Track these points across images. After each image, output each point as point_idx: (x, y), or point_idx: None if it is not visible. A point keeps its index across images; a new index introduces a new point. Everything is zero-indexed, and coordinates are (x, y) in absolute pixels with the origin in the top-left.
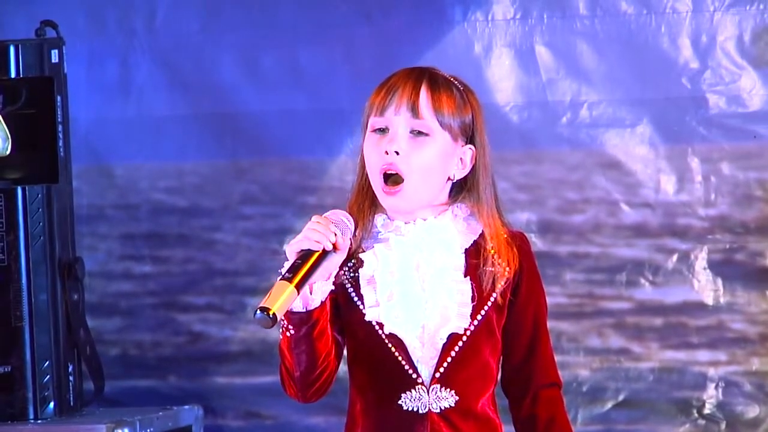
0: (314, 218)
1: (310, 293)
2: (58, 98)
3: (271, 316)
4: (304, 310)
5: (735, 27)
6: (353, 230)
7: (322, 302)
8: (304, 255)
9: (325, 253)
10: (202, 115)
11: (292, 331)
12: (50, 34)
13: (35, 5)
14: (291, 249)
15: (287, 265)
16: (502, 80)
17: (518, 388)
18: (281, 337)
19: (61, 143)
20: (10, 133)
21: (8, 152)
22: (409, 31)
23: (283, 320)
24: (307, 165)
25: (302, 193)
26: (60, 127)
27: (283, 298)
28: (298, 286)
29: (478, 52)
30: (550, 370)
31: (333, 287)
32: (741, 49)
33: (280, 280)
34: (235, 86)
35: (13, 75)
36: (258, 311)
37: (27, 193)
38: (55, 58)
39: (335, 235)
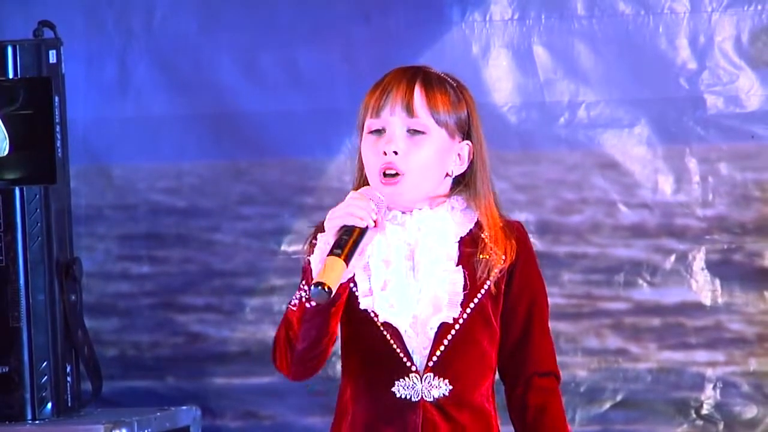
0: (353, 194)
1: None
2: (56, 98)
3: (326, 290)
4: None
5: (733, 27)
6: (386, 207)
7: (348, 279)
8: (348, 231)
9: (365, 230)
10: (200, 116)
11: (314, 303)
12: (48, 34)
13: (33, 5)
14: (332, 224)
15: (331, 240)
16: (499, 81)
17: (511, 375)
18: (293, 308)
19: (58, 144)
20: (7, 133)
21: (6, 153)
22: (408, 32)
23: (305, 291)
24: (306, 165)
25: (301, 193)
26: (58, 128)
27: (336, 273)
28: (347, 261)
29: (476, 52)
30: (547, 359)
31: (367, 260)
32: (739, 50)
33: (329, 255)
34: (234, 86)
35: (10, 75)
36: (314, 287)
37: (25, 193)
38: (52, 59)
39: (374, 212)
